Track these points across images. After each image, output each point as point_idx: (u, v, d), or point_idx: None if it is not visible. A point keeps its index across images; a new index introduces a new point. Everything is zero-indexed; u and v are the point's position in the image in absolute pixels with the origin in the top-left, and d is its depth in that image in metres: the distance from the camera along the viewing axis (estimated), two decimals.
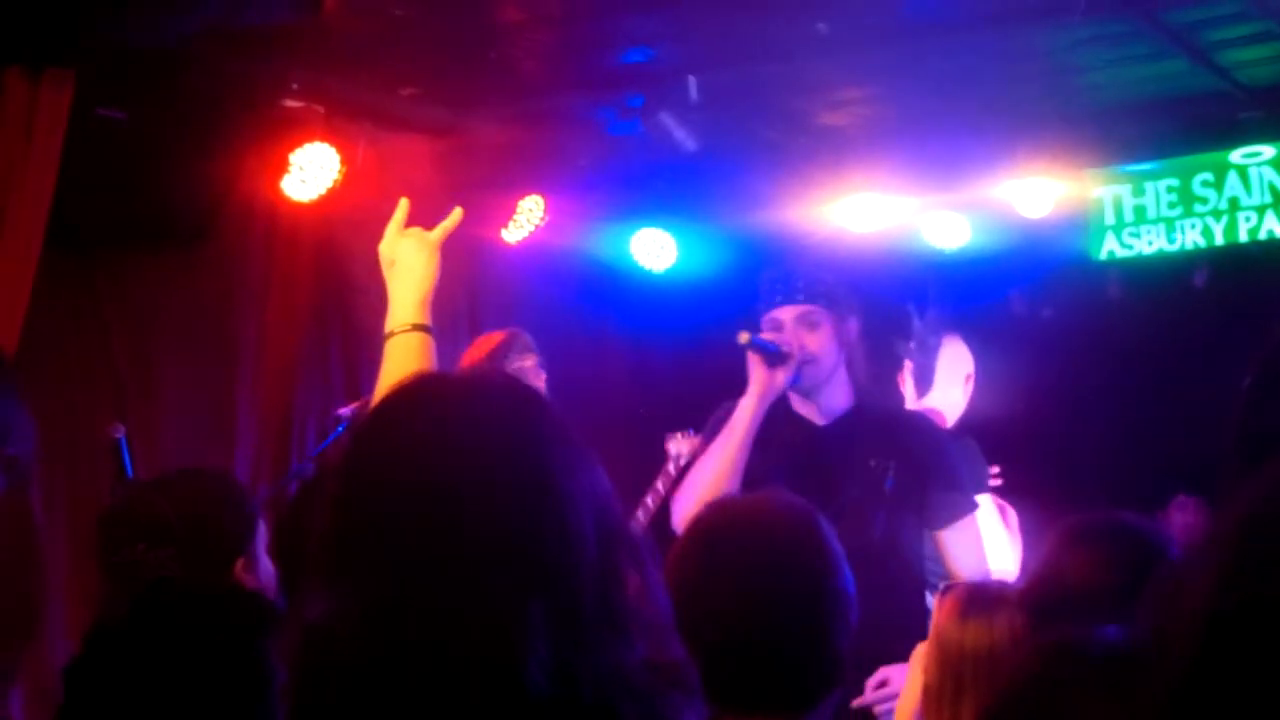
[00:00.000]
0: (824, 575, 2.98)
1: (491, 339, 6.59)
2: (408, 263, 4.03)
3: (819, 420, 5.55)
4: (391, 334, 3.95)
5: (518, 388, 2.13)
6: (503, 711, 1.83)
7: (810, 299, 5.49)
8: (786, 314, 5.45)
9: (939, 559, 5.47)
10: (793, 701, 2.92)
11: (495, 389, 2.10)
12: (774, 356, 5.28)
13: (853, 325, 5.58)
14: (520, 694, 1.83)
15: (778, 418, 5.47)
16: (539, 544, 1.89)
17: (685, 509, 5.29)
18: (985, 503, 7.14)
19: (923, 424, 5.71)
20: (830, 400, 5.54)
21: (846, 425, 5.52)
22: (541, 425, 2.02)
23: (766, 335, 5.37)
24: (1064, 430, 10.09)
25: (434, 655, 1.86)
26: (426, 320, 3.97)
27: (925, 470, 5.40)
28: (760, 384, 5.30)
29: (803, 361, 5.38)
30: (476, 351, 6.54)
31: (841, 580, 3.01)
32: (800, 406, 5.57)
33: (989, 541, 5.93)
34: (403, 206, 4.14)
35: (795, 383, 5.42)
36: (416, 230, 4.11)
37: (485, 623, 1.85)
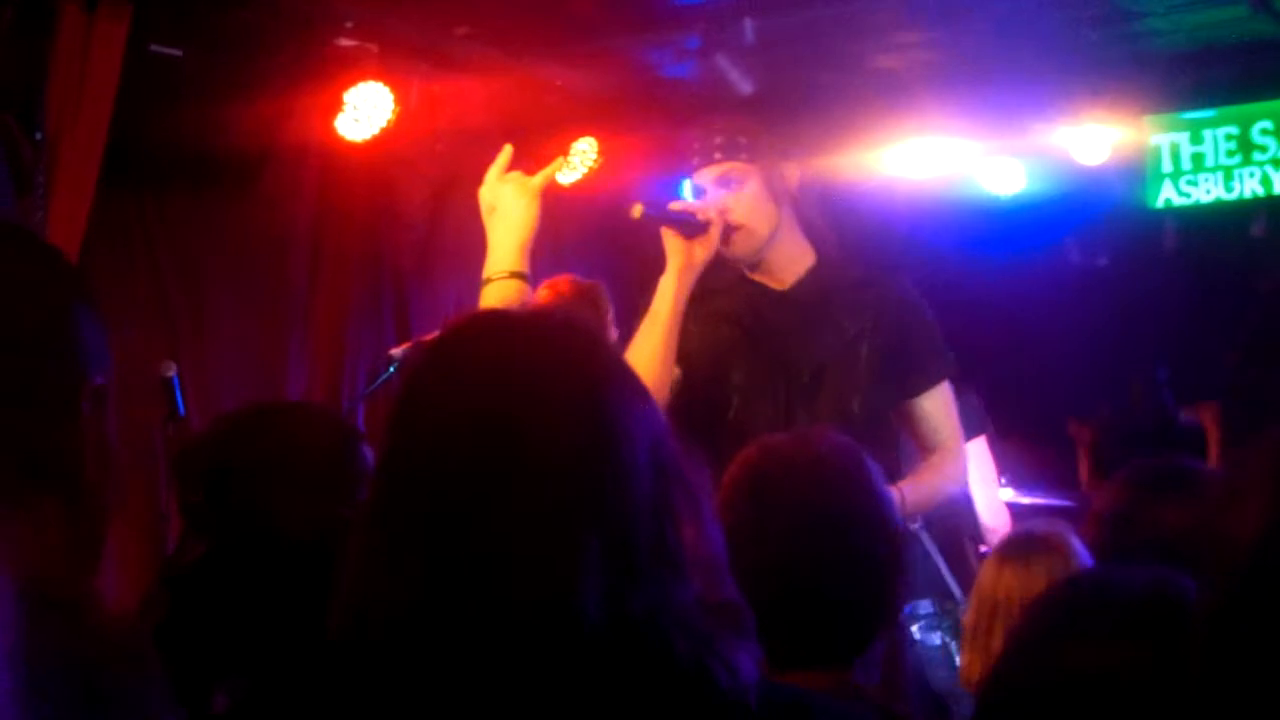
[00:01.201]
0: (878, 520, 2.96)
1: (579, 283, 6.48)
2: (508, 208, 4.03)
3: (777, 285, 4.92)
4: (489, 280, 3.95)
5: (577, 325, 2.12)
6: (556, 643, 1.83)
7: (729, 155, 4.82)
8: (706, 177, 4.81)
9: (916, 434, 4.96)
10: (847, 651, 2.91)
11: (555, 325, 2.09)
12: (686, 226, 4.61)
13: (790, 172, 4.91)
14: (574, 626, 1.83)
15: (732, 289, 4.92)
16: (595, 477, 1.88)
17: None
18: (980, 447, 7.09)
19: (897, 285, 4.94)
20: (785, 261, 4.90)
21: (811, 285, 4.89)
22: (600, 362, 2.01)
23: (677, 205, 4.74)
24: (1116, 377, 10.04)
25: (487, 585, 1.85)
26: (524, 268, 3.97)
27: (904, 336, 4.84)
28: (676, 258, 4.62)
29: (731, 228, 4.74)
30: (560, 287, 6.42)
31: (892, 522, 2.99)
32: (755, 274, 4.94)
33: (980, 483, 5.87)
34: (505, 152, 4.13)
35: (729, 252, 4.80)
36: (517, 175, 4.10)
37: (540, 553, 1.85)
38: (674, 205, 4.73)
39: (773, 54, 8.05)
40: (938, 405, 4.94)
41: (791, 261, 4.91)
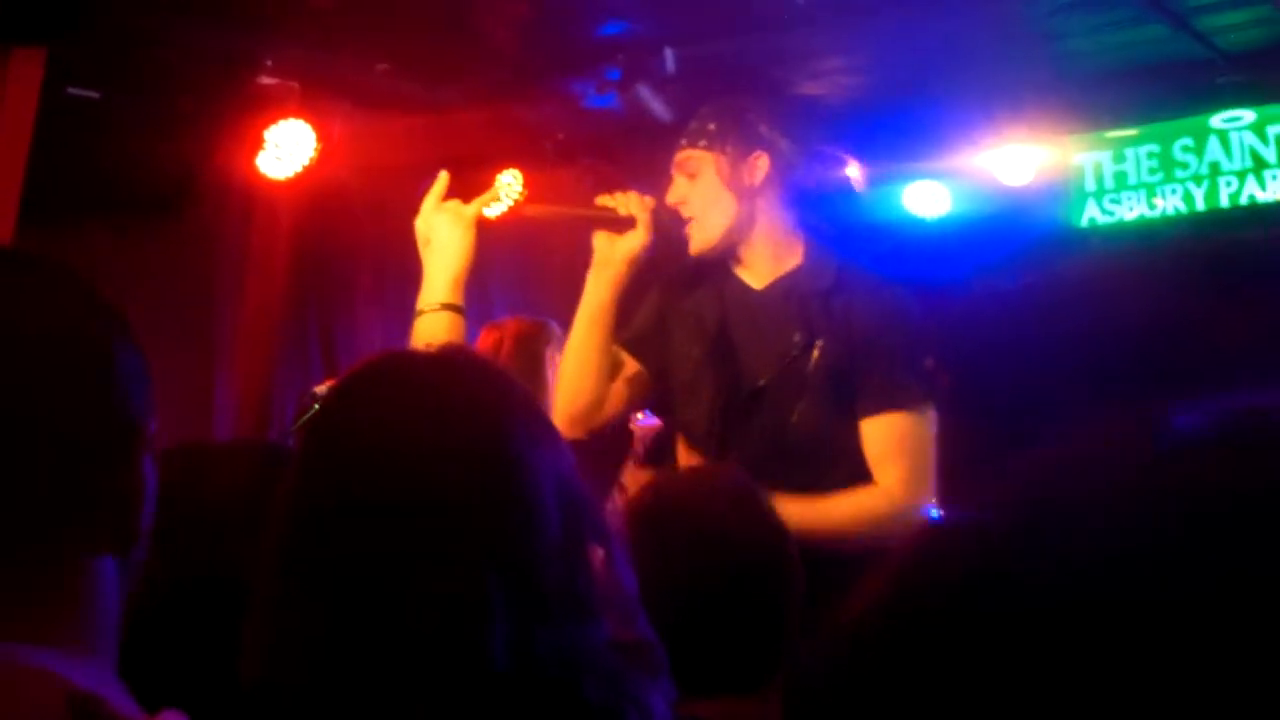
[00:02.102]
0: (768, 550, 2.96)
1: (522, 324, 6.30)
2: (443, 239, 4.01)
3: (755, 283, 4.65)
4: (421, 312, 3.92)
5: (482, 365, 2.11)
6: (463, 686, 1.81)
7: (691, 141, 4.64)
8: (676, 163, 4.66)
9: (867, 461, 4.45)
10: (750, 681, 2.91)
11: (460, 365, 2.08)
12: (607, 222, 4.48)
13: (757, 164, 4.59)
14: (482, 668, 1.81)
15: (717, 282, 4.67)
16: (499, 517, 1.87)
17: (552, 406, 4.64)
18: None
19: (879, 298, 4.51)
20: (764, 258, 4.62)
21: (782, 289, 4.58)
22: (506, 401, 2.00)
23: (601, 199, 4.60)
24: (1044, 399, 10.07)
25: (392, 627, 1.84)
26: (458, 300, 3.94)
27: (866, 352, 4.43)
28: (597, 254, 4.51)
29: (686, 219, 4.58)
30: (502, 333, 6.22)
31: (787, 554, 2.99)
32: (738, 268, 4.69)
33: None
34: (441, 180, 4.10)
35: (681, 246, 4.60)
36: (453, 204, 4.06)
37: (444, 595, 1.83)
38: (598, 200, 4.61)
39: (695, 83, 8.06)
40: (882, 435, 4.43)
41: (772, 260, 4.63)
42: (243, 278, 8.49)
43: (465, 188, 8.81)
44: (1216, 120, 9.02)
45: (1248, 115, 8.95)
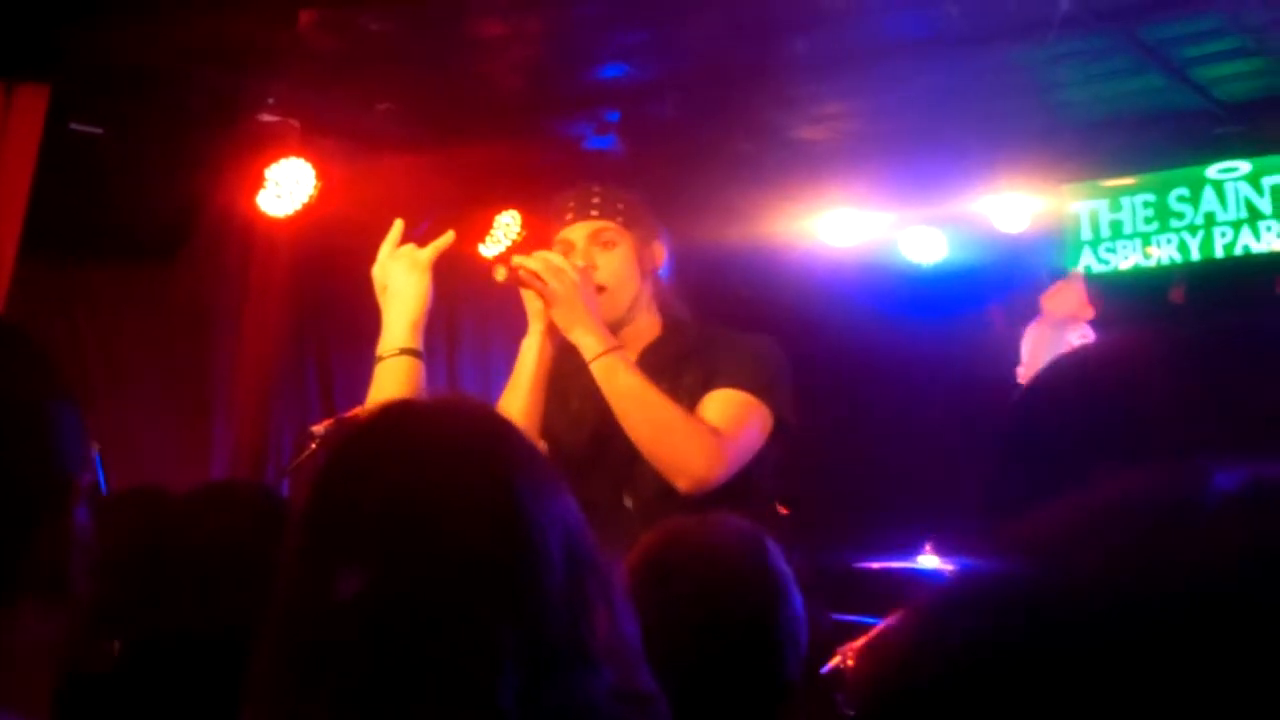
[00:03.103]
0: (768, 603, 2.97)
1: None
2: (399, 285, 4.00)
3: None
4: (380, 358, 3.93)
5: (488, 415, 2.12)
6: None
7: (606, 214, 4.67)
8: (578, 232, 4.65)
9: None
10: None
11: (465, 416, 2.09)
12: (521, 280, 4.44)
13: (658, 250, 4.72)
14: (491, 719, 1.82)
15: (581, 363, 4.58)
16: (506, 568, 1.88)
17: None
18: None
19: (731, 337, 4.65)
20: (636, 333, 4.67)
21: (652, 356, 4.63)
22: (511, 453, 2.01)
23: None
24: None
25: (401, 682, 1.85)
26: (416, 344, 3.93)
27: (715, 367, 4.50)
28: (535, 319, 4.52)
29: (597, 287, 4.55)
30: None
31: (788, 607, 2.99)
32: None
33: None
34: (396, 228, 4.09)
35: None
36: (408, 250, 4.06)
37: (455, 648, 1.84)
38: (513, 260, 4.51)
39: (694, 127, 8.10)
40: (716, 401, 4.44)
41: (641, 334, 4.69)
42: (241, 315, 8.52)
43: (465, 227, 8.88)
44: (1212, 170, 9.05)
45: (1243, 166, 8.98)
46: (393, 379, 3.84)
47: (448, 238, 4.10)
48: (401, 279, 4.01)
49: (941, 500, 8.34)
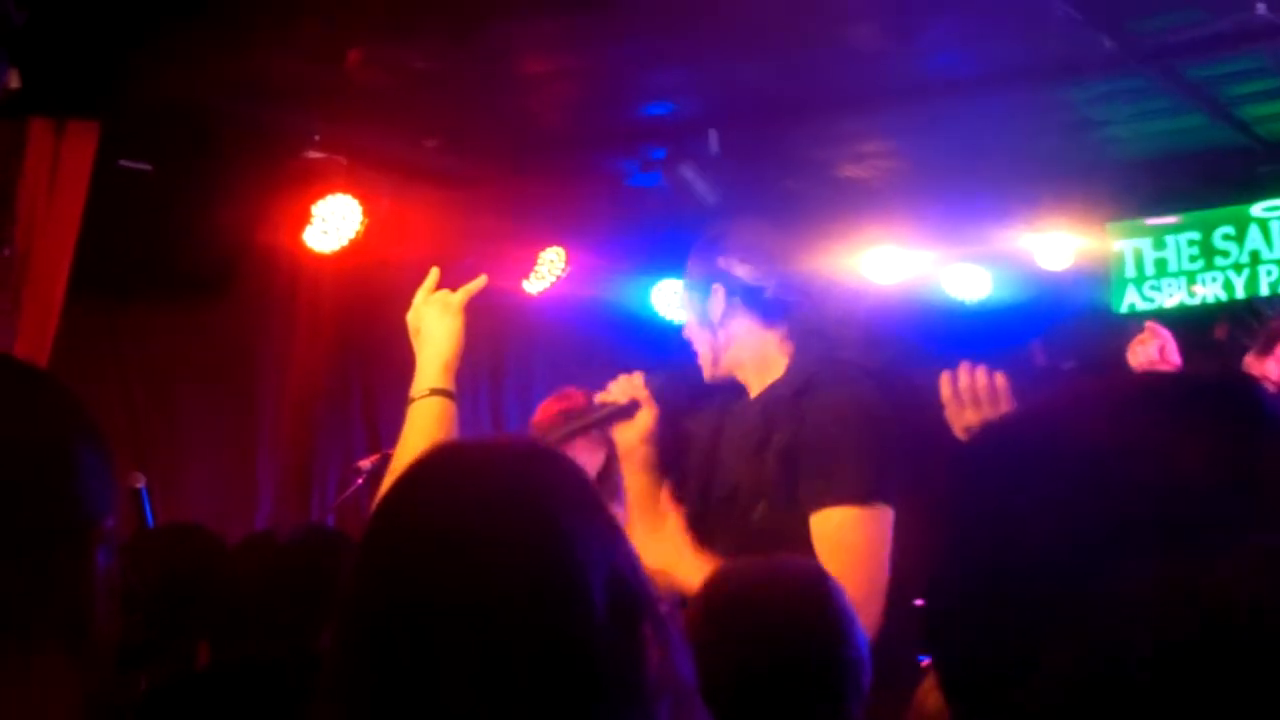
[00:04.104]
0: (830, 644, 2.97)
1: (569, 397, 6.27)
2: (430, 328, 4.03)
3: (752, 395, 4.69)
4: (412, 399, 3.95)
5: (537, 455, 2.13)
6: None
7: (682, 279, 4.86)
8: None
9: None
10: None
11: (511, 457, 2.10)
12: (609, 419, 4.54)
13: (717, 292, 4.66)
14: None
15: (725, 402, 4.75)
16: (544, 613, 1.89)
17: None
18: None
19: (829, 398, 4.46)
20: (755, 373, 4.66)
21: (762, 400, 4.63)
22: (556, 494, 2.02)
23: (600, 398, 4.62)
24: None
25: (442, 714, 1.86)
26: (448, 385, 3.95)
27: (818, 446, 4.35)
28: (621, 446, 4.60)
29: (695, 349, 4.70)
30: (549, 407, 6.26)
31: (850, 648, 2.99)
32: (748, 387, 4.72)
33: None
34: (432, 275, 4.12)
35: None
36: (441, 294, 4.09)
37: (488, 686, 1.86)
38: (598, 399, 4.60)
39: (739, 163, 8.11)
40: (833, 530, 4.32)
41: (760, 374, 4.65)
42: (288, 351, 8.55)
43: (509, 264, 8.91)
44: (1257, 209, 9.02)
45: None
46: (425, 420, 3.86)
47: (480, 281, 4.12)
48: (434, 322, 4.03)
49: None
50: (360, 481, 6.90)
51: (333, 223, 7.75)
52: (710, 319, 4.68)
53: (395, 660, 1.90)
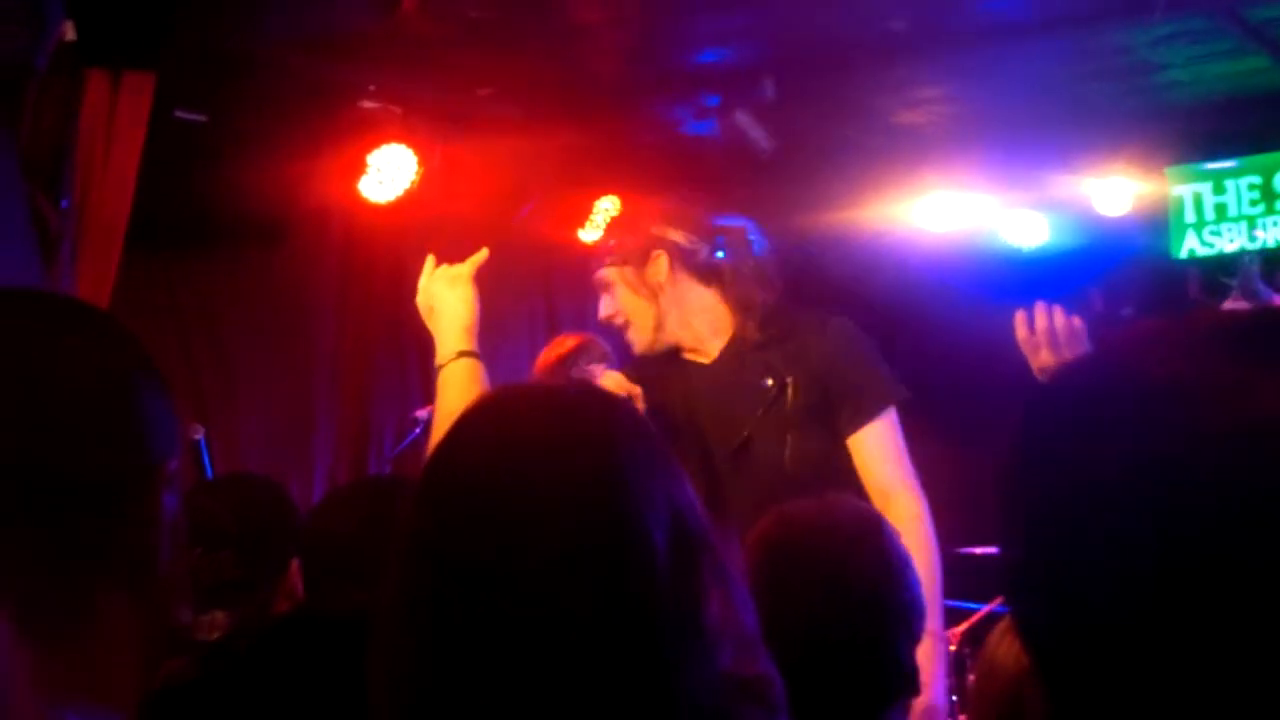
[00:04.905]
0: (884, 586, 2.96)
1: (564, 343, 6.42)
2: (443, 303, 4.06)
3: (705, 359, 5.04)
4: (440, 366, 3.97)
5: (594, 398, 2.12)
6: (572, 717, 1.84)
7: (599, 263, 5.11)
8: (599, 280, 5.08)
9: (864, 478, 4.78)
10: (867, 713, 2.91)
11: (566, 401, 2.09)
12: None
13: (659, 262, 4.96)
14: (592, 703, 1.83)
15: (672, 372, 5.05)
16: (604, 550, 1.88)
17: None
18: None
19: (824, 327, 4.91)
20: (703, 336, 5.02)
21: (730, 354, 4.98)
22: (614, 438, 2.01)
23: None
24: None
25: (502, 660, 1.86)
26: (472, 346, 3.97)
27: (823, 376, 4.81)
28: None
29: (620, 329, 5.07)
30: (548, 355, 6.41)
31: (905, 590, 2.99)
32: (686, 353, 5.07)
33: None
34: (429, 262, 4.17)
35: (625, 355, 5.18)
36: (444, 269, 4.13)
37: (549, 630, 1.85)
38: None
39: (793, 111, 8.08)
40: (877, 442, 4.80)
41: (711, 335, 5.02)
42: (343, 301, 8.57)
43: (564, 211, 8.90)
44: None
45: None
46: (457, 382, 3.87)
47: (483, 254, 4.17)
48: (444, 295, 4.07)
49: None
50: (418, 431, 6.92)
51: (387, 173, 7.74)
52: (652, 286, 4.97)
53: (453, 610, 1.89)
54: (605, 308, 5.05)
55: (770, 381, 4.82)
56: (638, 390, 4.62)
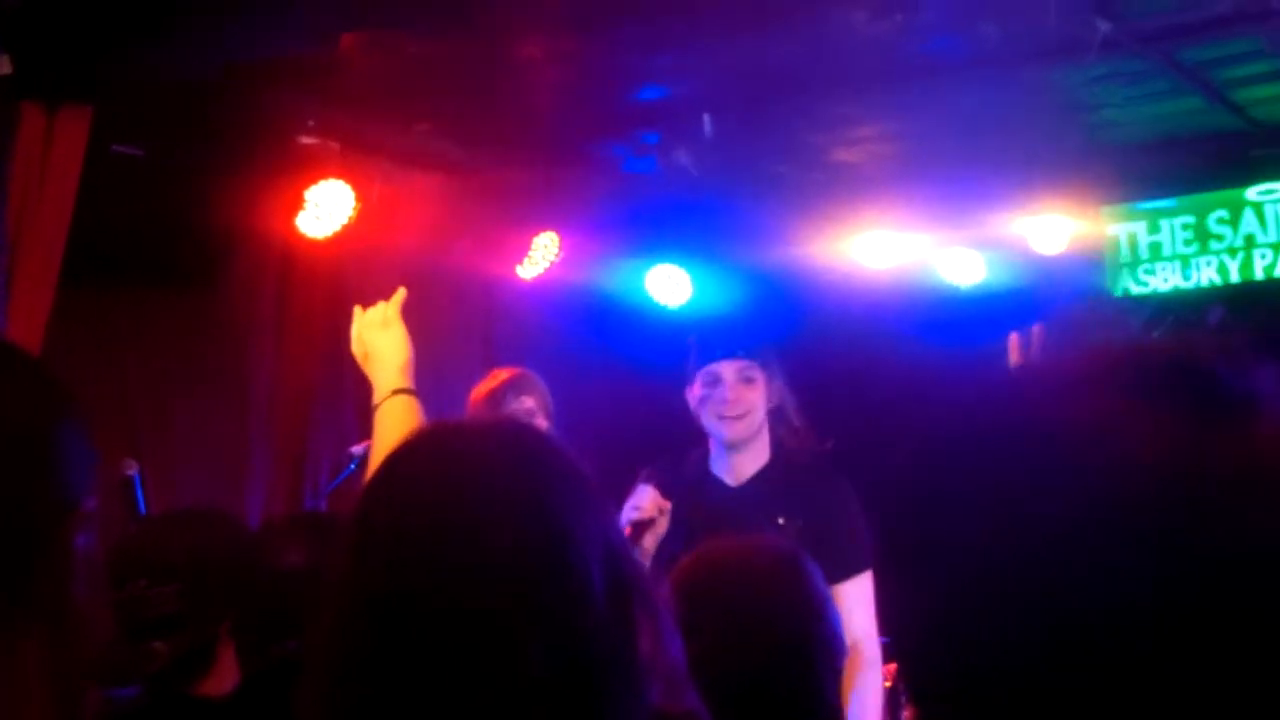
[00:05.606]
0: (804, 623, 2.97)
1: (496, 377, 6.42)
2: (376, 347, 4.09)
3: (732, 481, 5.64)
4: (377, 405, 3.99)
5: (528, 435, 2.13)
6: None
7: (749, 355, 5.59)
8: (727, 369, 5.55)
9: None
10: None
11: (502, 435, 2.09)
12: (637, 529, 5.05)
13: (778, 386, 5.66)
14: None
15: (693, 479, 5.57)
16: (540, 589, 1.88)
17: None
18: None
19: (832, 479, 5.61)
20: (748, 459, 5.63)
21: (758, 484, 5.60)
22: (550, 473, 2.01)
23: (626, 517, 5.13)
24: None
25: (439, 697, 1.85)
26: (408, 384, 3.99)
27: (827, 523, 5.37)
28: (646, 550, 5.08)
29: (738, 415, 5.53)
30: (481, 389, 6.40)
31: (825, 626, 3.00)
32: (717, 465, 5.68)
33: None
34: (357, 312, 4.21)
35: (720, 444, 5.60)
36: (373, 311, 4.16)
37: (492, 668, 1.85)
38: (631, 520, 5.01)
39: (732, 148, 8.09)
40: (857, 597, 5.29)
41: (751, 461, 5.62)
42: (280, 336, 8.53)
43: (503, 248, 8.89)
44: (1252, 193, 9.00)
45: None
46: (394, 418, 3.87)
47: (401, 293, 4.22)
48: (377, 339, 4.10)
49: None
50: (353, 467, 6.89)
51: (325, 208, 7.72)
52: (769, 405, 5.62)
53: (389, 645, 1.89)
54: (737, 392, 5.54)
55: (783, 520, 5.39)
56: (668, 505, 5.01)
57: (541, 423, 6.09)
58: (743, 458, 5.62)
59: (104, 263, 7.26)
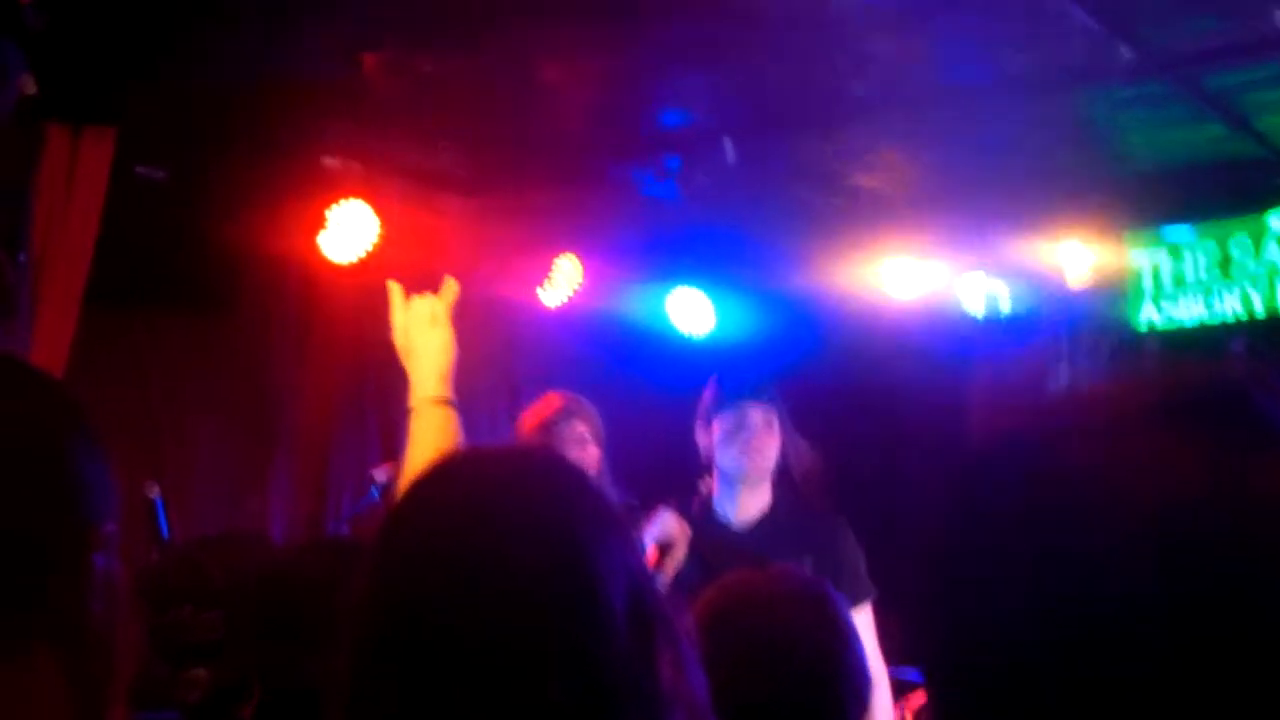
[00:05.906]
0: (830, 655, 2.95)
1: (549, 403, 6.34)
2: (422, 342, 3.94)
3: (738, 521, 5.74)
4: (413, 409, 3.86)
5: (554, 465, 2.12)
6: None
7: (771, 401, 5.73)
8: (754, 410, 5.67)
9: None
10: None
11: (530, 466, 2.09)
12: (661, 550, 5.24)
13: (789, 433, 5.79)
14: None
15: (700, 519, 5.60)
16: (564, 618, 1.87)
17: None
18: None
19: (831, 520, 5.78)
20: (752, 502, 5.75)
21: (762, 528, 5.71)
22: (575, 503, 2.00)
23: (650, 538, 5.31)
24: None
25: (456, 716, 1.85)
26: (448, 394, 3.87)
27: (835, 563, 5.51)
28: (667, 574, 5.24)
29: (762, 451, 5.67)
30: (532, 416, 6.30)
31: (851, 657, 2.98)
32: (723, 505, 5.77)
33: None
34: (394, 290, 4.06)
35: (733, 476, 5.70)
36: (424, 303, 4.01)
37: (504, 697, 1.84)
38: (654, 548, 5.18)
39: (754, 174, 8.09)
40: (862, 626, 5.17)
41: (755, 503, 5.74)
42: (302, 358, 8.53)
43: (523, 271, 8.89)
44: (1275, 221, 8.97)
45: None
46: (429, 429, 3.75)
47: (453, 286, 4.05)
48: (424, 336, 3.95)
49: None
50: (375, 492, 6.89)
51: (348, 229, 7.73)
52: (779, 439, 5.71)
53: (410, 670, 1.88)
54: (769, 442, 5.69)
55: (793, 558, 5.34)
56: (689, 532, 5.17)
57: (594, 450, 6.08)
58: (751, 497, 5.75)
59: (128, 283, 7.27)
